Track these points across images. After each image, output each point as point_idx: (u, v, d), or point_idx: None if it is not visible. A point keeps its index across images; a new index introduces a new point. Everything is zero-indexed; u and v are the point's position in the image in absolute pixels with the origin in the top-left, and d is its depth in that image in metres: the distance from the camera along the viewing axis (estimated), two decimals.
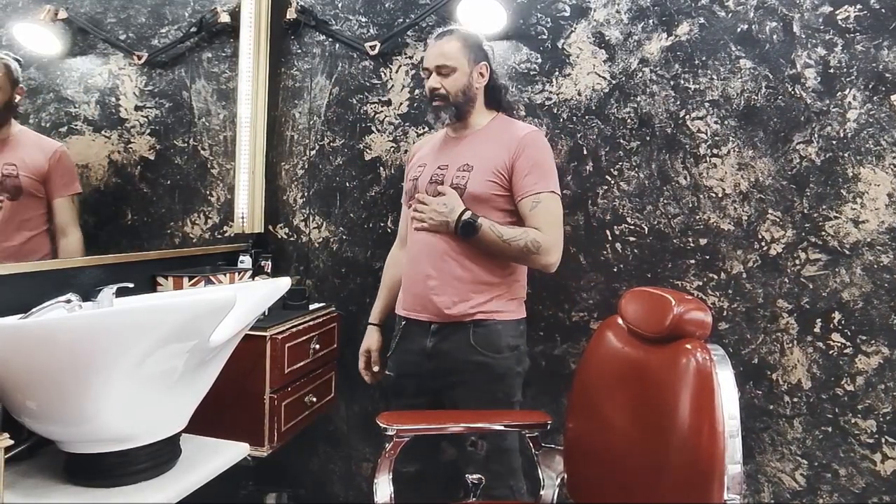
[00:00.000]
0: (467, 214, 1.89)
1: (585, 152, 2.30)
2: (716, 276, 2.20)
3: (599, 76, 2.29)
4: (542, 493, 1.76)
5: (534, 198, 1.93)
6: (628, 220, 2.28)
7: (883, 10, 2.02)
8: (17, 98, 1.76)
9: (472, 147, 2.03)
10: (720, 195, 2.18)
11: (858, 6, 2.04)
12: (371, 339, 2.24)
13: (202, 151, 2.46)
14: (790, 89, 2.11)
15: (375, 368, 2.22)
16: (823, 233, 2.10)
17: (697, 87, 2.20)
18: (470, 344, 1.94)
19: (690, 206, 2.21)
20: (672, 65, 2.22)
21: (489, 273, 1.97)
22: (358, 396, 2.59)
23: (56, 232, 1.84)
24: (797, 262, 2.13)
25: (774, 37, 2.12)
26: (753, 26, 2.14)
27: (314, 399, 2.20)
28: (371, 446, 2.60)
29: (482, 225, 1.88)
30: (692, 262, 2.22)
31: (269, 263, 2.50)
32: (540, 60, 2.35)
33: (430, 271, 1.98)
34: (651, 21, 2.24)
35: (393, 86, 2.53)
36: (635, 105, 2.26)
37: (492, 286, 1.97)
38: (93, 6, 2.03)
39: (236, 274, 2.23)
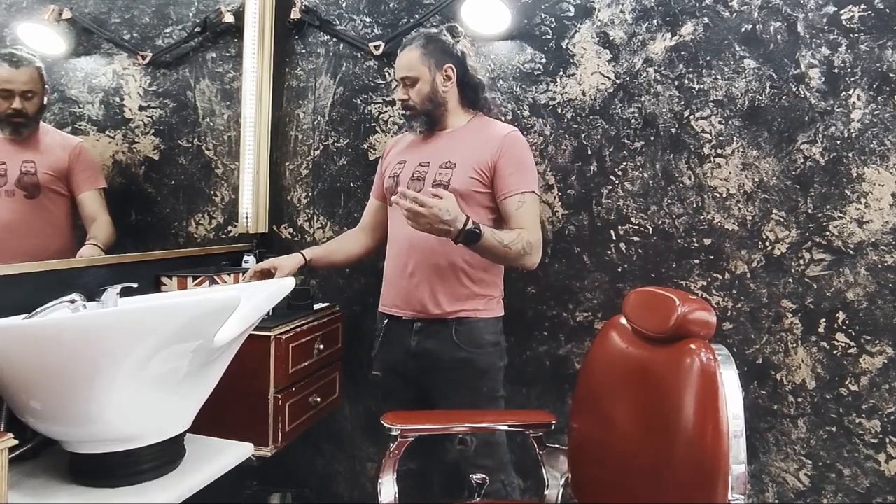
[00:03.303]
0: (471, 223, 1.80)
1: (590, 152, 2.30)
2: (720, 276, 2.20)
3: (604, 76, 2.29)
4: (546, 493, 1.76)
5: (520, 197, 1.95)
6: (632, 220, 2.27)
7: (887, 11, 2.02)
8: (46, 99, 1.80)
9: (453, 144, 2.04)
10: (724, 195, 2.18)
11: (863, 6, 2.04)
12: (288, 260, 2.12)
13: (206, 151, 2.47)
14: (794, 89, 2.11)
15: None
16: (828, 233, 2.09)
17: (702, 87, 2.19)
18: (453, 341, 1.97)
19: (695, 206, 2.21)
20: (676, 65, 2.22)
21: (473, 270, 1.99)
22: (362, 396, 2.60)
23: (85, 224, 1.88)
24: (801, 262, 2.12)
25: (779, 37, 2.12)
26: (758, 26, 2.14)
27: (318, 399, 2.20)
28: (375, 446, 2.61)
29: (485, 233, 1.82)
30: (696, 262, 2.22)
31: None
32: (544, 60, 2.35)
33: (414, 269, 2.01)
34: (655, 21, 2.23)
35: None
36: (639, 105, 2.25)
37: (474, 284, 2.00)
38: (97, 6, 2.04)
39: (240, 274, 2.23)
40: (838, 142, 2.07)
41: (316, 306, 2.36)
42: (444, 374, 2.00)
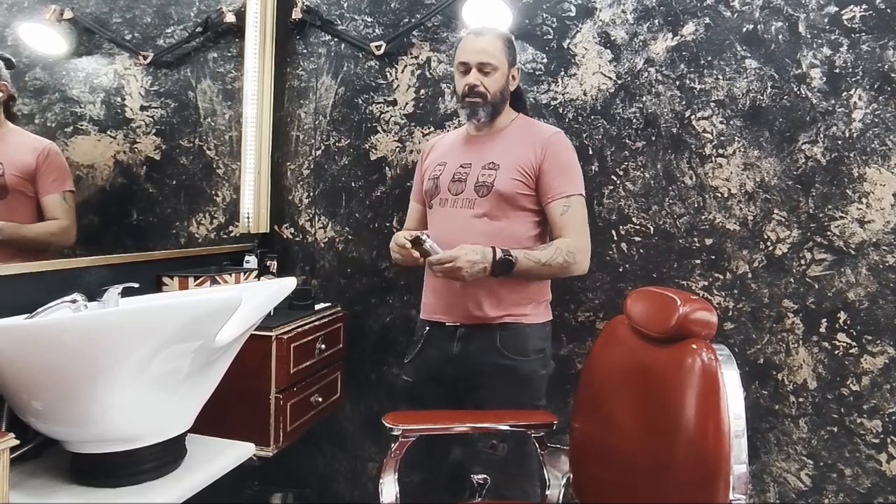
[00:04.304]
0: (499, 252, 1.80)
1: (591, 152, 2.30)
2: (721, 276, 2.20)
3: (605, 76, 2.29)
4: (547, 493, 1.76)
5: (564, 201, 1.90)
6: (634, 220, 2.27)
7: (888, 11, 2.02)
8: (1, 95, 1.72)
9: (496, 146, 1.99)
10: (726, 195, 2.18)
11: (864, 6, 2.04)
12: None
13: (208, 151, 2.47)
14: (796, 89, 2.11)
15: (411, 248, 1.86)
16: (829, 233, 2.09)
17: (703, 87, 2.19)
18: (496, 347, 1.92)
19: (696, 206, 2.21)
20: (677, 65, 2.22)
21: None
22: (364, 396, 2.60)
23: None
24: (803, 262, 2.12)
25: (780, 37, 2.12)
26: (759, 26, 2.14)
27: (320, 399, 2.20)
28: (377, 446, 2.61)
29: (518, 256, 1.81)
30: (698, 262, 2.22)
31: (275, 263, 2.50)
32: (546, 60, 2.35)
33: None
34: (657, 21, 2.23)
35: (398, 86, 2.53)
36: (641, 105, 2.25)
37: (520, 288, 1.94)
38: (98, 6, 2.04)
39: (242, 274, 2.23)
40: (839, 142, 2.07)
41: (318, 306, 2.36)
42: (483, 380, 1.94)
